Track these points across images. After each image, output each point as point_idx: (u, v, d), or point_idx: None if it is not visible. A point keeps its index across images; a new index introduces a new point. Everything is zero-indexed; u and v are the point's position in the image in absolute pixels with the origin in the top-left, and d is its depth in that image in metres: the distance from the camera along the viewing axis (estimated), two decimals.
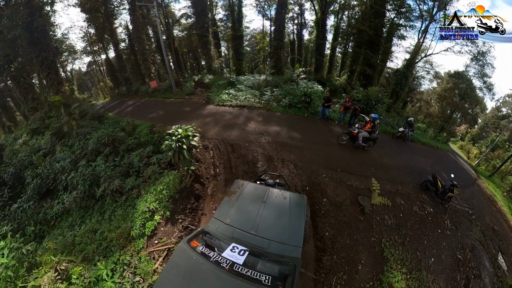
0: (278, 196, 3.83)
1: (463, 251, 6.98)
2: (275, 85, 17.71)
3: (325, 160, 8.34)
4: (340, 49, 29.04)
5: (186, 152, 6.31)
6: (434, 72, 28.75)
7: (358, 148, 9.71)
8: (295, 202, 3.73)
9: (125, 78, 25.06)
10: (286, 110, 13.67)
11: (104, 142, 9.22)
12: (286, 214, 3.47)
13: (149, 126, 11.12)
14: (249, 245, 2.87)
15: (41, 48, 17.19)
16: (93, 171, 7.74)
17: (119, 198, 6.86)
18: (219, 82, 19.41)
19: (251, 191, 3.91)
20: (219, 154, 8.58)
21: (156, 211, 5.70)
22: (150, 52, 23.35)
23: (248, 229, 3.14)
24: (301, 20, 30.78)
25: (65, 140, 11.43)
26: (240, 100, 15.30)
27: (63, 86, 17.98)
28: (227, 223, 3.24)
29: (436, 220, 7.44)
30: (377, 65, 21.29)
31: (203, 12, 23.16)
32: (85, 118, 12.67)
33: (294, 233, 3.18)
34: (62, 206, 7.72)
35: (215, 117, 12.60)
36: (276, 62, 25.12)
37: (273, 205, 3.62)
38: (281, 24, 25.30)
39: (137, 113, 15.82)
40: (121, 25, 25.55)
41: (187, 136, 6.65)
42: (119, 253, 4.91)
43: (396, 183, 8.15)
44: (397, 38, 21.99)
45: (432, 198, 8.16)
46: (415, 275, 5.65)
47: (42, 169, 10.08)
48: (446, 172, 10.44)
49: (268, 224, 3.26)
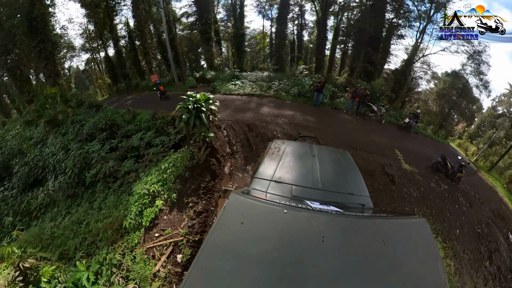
0: (325, 150, 3.43)
1: (480, 226, 7.08)
2: (279, 79, 17.18)
3: (343, 140, 8.42)
4: (340, 48, 28.82)
5: (205, 116, 5.26)
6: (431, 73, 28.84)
7: (369, 133, 10.34)
8: (343, 155, 3.38)
9: (124, 75, 24.16)
10: (296, 98, 13.46)
11: (101, 127, 8.38)
12: (342, 166, 3.12)
13: (150, 113, 10.36)
14: (319, 200, 2.29)
15: (40, 38, 16.35)
16: (85, 154, 6.84)
17: (113, 184, 5.90)
18: (223, 75, 18.80)
19: (296, 148, 3.38)
20: (234, 133, 8.00)
21: (158, 195, 4.67)
22: (151, 47, 22.46)
23: (310, 185, 2.60)
24: (301, 21, 30.47)
25: (59, 128, 10.55)
26: (248, 90, 14.78)
27: (60, 78, 17.08)
28: (280, 181, 2.61)
29: (452, 197, 7.56)
30: (378, 63, 20.99)
31: (205, 8, 22.54)
32: (82, 107, 11.80)
33: (358, 183, 2.79)
34: (45, 193, 6.66)
35: (224, 103, 11.99)
36: (278, 60, 24.44)
37: (325, 159, 3.15)
38: (283, 22, 24.80)
39: (137, 105, 14.84)
40: (121, 22, 24.83)
41: (206, 100, 5.62)
42: (106, 250, 3.84)
43: (410, 164, 8.19)
44: (396, 38, 21.75)
45: (443, 179, 8.30)
46: (449, 244, 5.66)
47: (31, 156, 9.16)
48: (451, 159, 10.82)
49: (329, 177, 2.82)
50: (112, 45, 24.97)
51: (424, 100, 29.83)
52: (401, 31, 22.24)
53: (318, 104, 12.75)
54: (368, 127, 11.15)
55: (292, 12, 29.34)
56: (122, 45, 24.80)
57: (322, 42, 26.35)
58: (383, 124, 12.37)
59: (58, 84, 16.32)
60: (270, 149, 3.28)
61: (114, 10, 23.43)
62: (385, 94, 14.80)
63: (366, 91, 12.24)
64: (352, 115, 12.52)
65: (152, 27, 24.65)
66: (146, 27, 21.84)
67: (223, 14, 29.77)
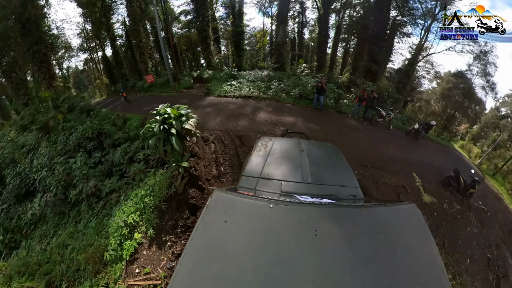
0: (313, 144, 3.35)
1: (490, 249, 6.58)
2: (279, 79, 16.28)
3: (352, 155, 7.28)
4: (341, 46, 27.91)
5: (176, 140, 4.23)
6: (434, 72, 27.86)
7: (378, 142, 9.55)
8: (331, 149, 3.31)
9: (122, 75, 23.65)
10: (297, 101, 12.41)
11: (88, 136, 8.00)
12: (331, 160, 3.05)
13: (140, 119, 9.83)
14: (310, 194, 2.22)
15: (33, 40, 15.88)
16: (68, 170, 6.46)
17: (96, 204, 5.57)
18: (220, 75, 17.94)
19: (284, 144, 3.27)
20: (223, 148, 6.95)
21: (137, 226, 4.32)
22: (147, 46, 21.76)
23: (299, 179, 2.53)
24: (302, 18, 29.53)
25: (50, 136, 10.18)
26: (245, 91, 13.77)
27: (55, 81, 16.66)
28: (269, 177, 2.53)
29: (464, 218, 7.01)
30: (382, 62, 20.05)
31: (203, 5, 21.74)
32: (73, 112, 11.39)
33: (348, 175, 2.75)
34: (32, 213, 6.44)
35: (216, 107, 11.16)
36: (278, 58, 23.50)
37: (313, 153, 3.08)
38: (284, 19, 23.88)
39: (131, 107, 14.59)
40: (118, 21, 24.22)
41: (179, 116, 4.57)
42: (90, 282, 3.63)
43: (422, 179, 7.50)
44: (402, 36, 20.74)
45: (454, 194, 7.69)
46: (459, 280, 5.15)
47: (22, 167, 8.84)
48: (461, 169, 10.04)
49: (318, 170, 2.74)
50: (109, 44, 24.44)
51: (426, 99, 28.93)
52: (406, 29, 21.34)
53: (320, 108, 11.46)
54: (376, 135, 10.30)
55: (292, 10, 28.49)
56: (119, 45, 24.24)
57: (323, 40, 25.51)
58: (390, 129, 11.56)
59: (53, 86, 15.92)
60: (257, 146, 3.17)
61: (111, 9, 22.81)
62: (392, 96, 13.94)
63: (374, 94, 11.29)
64: (358, 120, 11.48)
65: (149, 25, 23.99)
66: (141, 26, 21.00)
67: (222, 11, 28.98)
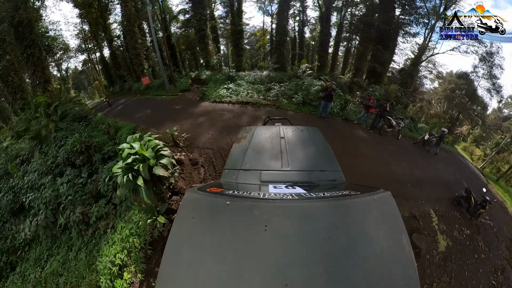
0: (294, 130, 3.23)
1: (495, 275, 6.30)
2: (279, 81, 15.41)
3: (360, 175, 6.41)
4: (343, 46, 27.05)
5: (146, 193, 3.36)
6: (436, 72, 27.04)
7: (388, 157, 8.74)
8: (312, 132, 3.21)
9: (119, 76, 23.05)
10: (300, 108, 11.10)
11: (77, 150, 7.56)
12: (311, 144, 2.96)
13: (131, 128, 9.34)
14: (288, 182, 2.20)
15: (26, 44, 15.34)
16: (56, 193, 6.07)
17: (85, 232, 5.25)
18: (216, 77, 17.10)
19: (264, 132, 3.19)
20: (214, 173, 5.97)
21: (126, 265, 4.04)
22: (143, 47, 20.88)
23: (279, 168, 2.49)
24: (302, 17, 28.60)
25: (42, 147, 9.78)
26: (242, 95, 12.60)
27: (50, 85, 16.16)
28: (248, 168, 2.51)
29: (473, 244, 6.63)
30: (387, 62, 19.10)
31: (200, 3, 20.90)
32: (66, 119, 10.93)
33: (329, 160, 2.71)
34: (23, 236, 6.10)
35: (210, 116, 10.14)
36: (278, 57, 22.66)
37: (293, 139, 3.01)
38: (284, 17, 22.96)
39: (125, 112, 14.02)
40: (116, 21, 23.50)
41: (149, 157, 3.55)
42: None
43: (432, 201, 7.07)
44: (408, 36, 19.79)
45: (463, 215, 7.35)
46: None
47: (15, 181, 8.47)
48: (468, 181, 9.80)
49: (298, 156, 2.69)
50: (107, 45, 23.80)
51: (427, 100, 28.17)
52: (411, 28, 20.36)
53: (325, 116, 10.15)
54: (385, 148, 9.45)
55: (293, 8, 27.56)
56: (117, 45, 23.57)
57: (325, 39, 24.73)
58: (399, 139, 10.68)
59: (49, 91, 15.45)
60: (237, 138, 3.11)
61: (107, 9, 22.10)
62: (401, 101, 12.90)
63: (386, 102, 10.08)
64: (365, 129, 10.38)
65: (146, 25, 23.24)
66: (136, 26, 20.11)
67: (222, 11, 28.11)
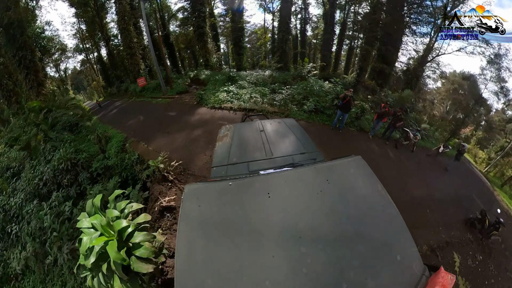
0: (272, 123, 3.52)
1: None
2: (283, 81, 14.28)
3: None
4: (346, 45, 26.00)
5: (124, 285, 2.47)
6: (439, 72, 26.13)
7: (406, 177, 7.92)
8: (289, 122, 3.52)
9: (117, 76, 22.26)
10: (312, 117, 9.47)
11: (63, 168, 6.97)
12: (288, 132, 3.25)
13: (121, 140, 8.56)
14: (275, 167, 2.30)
15: (18, 46, 14.64)
16: (40, 223, 5.52)
17: (78, 269, 4.77)
18: (216, 77, 15.92)
19: (244, 128, 3.46)
20: None
21: None
22: (139, 46, 19.79)
23: (263, 157, 2.68)
24: (305, 14, 27.55)
25: (31, 159, 9.23)
26: (244, 100, 11.04)
27: (44, 88, 15.50)
28: (235, 162, 2.67)
29: (485, 271, 6.22)
30: (394, 62, 17.90)
31: (199, 0, 19.77)
32: (56, 128, 10.28)
33: (306, 143, 2.97)
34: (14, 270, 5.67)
35: (207, 128, 8.75)
36: (281, 56, 21.52)
37: (272, 130, 3.30)
38: (287, 14, 21.74)
39: (118, 117, 13.17)
40: (113, 20, 22.59)
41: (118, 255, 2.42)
42: None
43: (449, 226, 6.63)
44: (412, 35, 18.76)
45: (475, 236, 6.98)
46: None
47: (5, 198, 7.95)
48: (479, 195, 9.45)
49: (279, 145, 2.94)
50: (103, 45, 22.97)
51: (430, 100, 27.30)
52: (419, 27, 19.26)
53: (340, 127, 8.98)
54: (403, 164, 8.53)
55: (295, 5, 26.44)
56: (114, 45, 22.71)
57: (329, 37, 23.79)
58: (413, 151, 9.77)
59: (42, 94, 14.83)
60: (219, 137, 3.25)
61: (104, 8, 21.17)
62: (415, 108, 11.70)
63: (400, 111, 8.96)
64: (379, 142, 9.28)
65: (143, 24, 22.26)
66: (131, 24, 19.05)
67: (221, 8, 27.04)
